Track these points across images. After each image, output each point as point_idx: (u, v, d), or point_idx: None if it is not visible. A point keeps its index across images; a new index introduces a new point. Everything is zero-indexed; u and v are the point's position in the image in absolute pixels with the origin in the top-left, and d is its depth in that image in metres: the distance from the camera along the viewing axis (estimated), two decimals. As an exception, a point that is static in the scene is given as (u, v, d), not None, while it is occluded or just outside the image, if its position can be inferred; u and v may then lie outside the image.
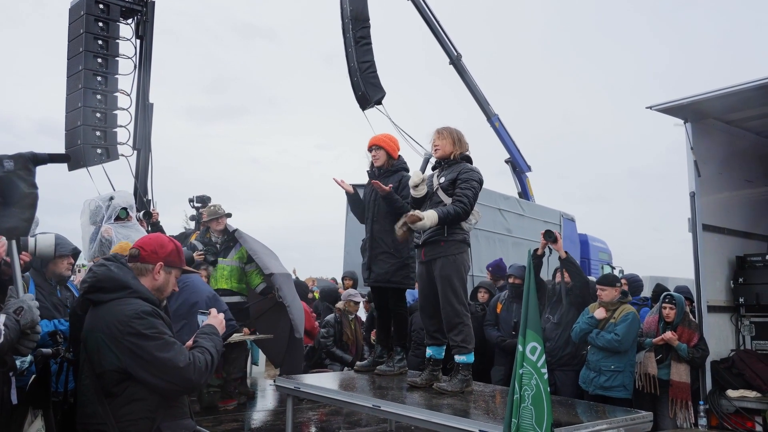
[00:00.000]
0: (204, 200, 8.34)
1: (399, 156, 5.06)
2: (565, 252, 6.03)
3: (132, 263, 2.71)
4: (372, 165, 5.00)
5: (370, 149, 5.00)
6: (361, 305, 8.21)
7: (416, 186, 4.38)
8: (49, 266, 3.95)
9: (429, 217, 4.07)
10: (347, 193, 5.13)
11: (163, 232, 7.42)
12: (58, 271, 3.97)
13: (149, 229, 6.90)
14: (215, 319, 2.87)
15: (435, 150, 4.47)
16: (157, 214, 7.63)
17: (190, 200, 8.44)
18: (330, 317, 7.92)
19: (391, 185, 4.75)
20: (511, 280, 6.80)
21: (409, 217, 4.06)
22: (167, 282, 2.76)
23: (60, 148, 6.94)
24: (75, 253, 4.16)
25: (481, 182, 4.34)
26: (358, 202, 5.16)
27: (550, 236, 5.89)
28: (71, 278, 4.41)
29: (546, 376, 2.92)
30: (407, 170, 4.96)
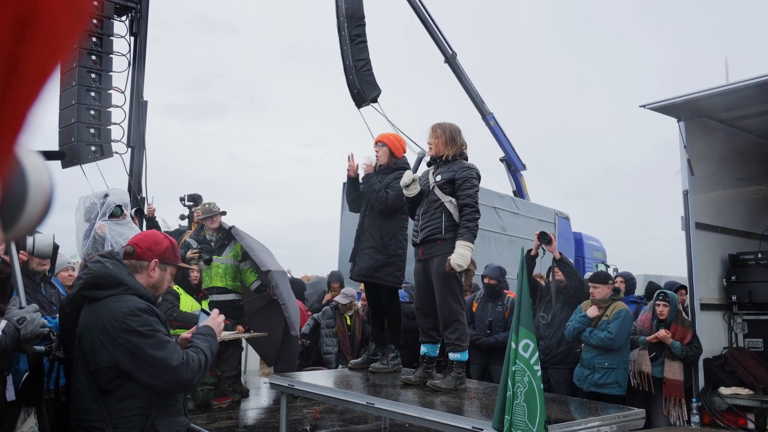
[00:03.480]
0: (195, 199, 8.33)
1: (403, 156, 5.07)
2: (560, 253, 6.05)
3: (127, 260, 2.69)
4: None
5: (375, 145, 5.04)
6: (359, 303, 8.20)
7: (407, 186, 4.38)
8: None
9: (460, 253, 4.08)
10: (348, 176, 5.11)
11: (158, 228, 7.41)
12: (31, 268, 3.95)
13: (143, 225, 6.89)
14: (214, 321, 2.86)
15: (429, 148, 4.47)
16: (153, 210, 7.61)
17: (181, 199, 8.41)
18: (327, 308, 7.92)
19: (357, 167, 4.94)
20: (486, 281, 6.83)
21: (448, 269, 4.08)
22: (162, 279, 2.75)
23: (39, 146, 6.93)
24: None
25: (479, 177, 4.36)
26: (355, 189, 5.13)
27: (544, 238, 5.90)
28: (54, 274, 4.41)
29: (539, 373, 2.93)
30: (407, 169, 4.97)
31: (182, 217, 8.78)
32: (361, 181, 4.99)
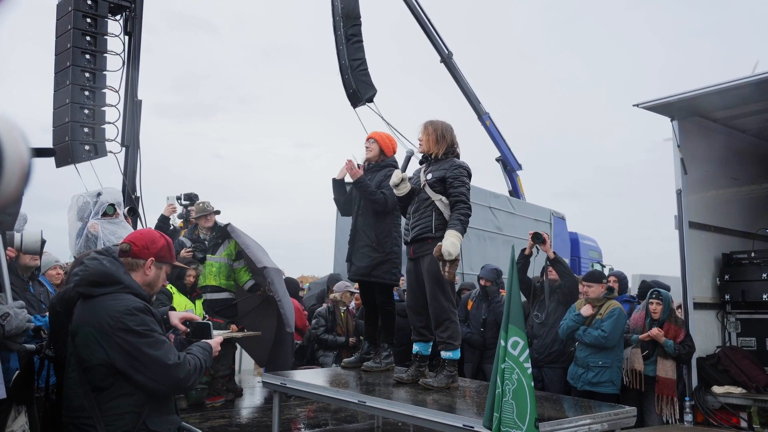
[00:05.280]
0: (191, 198, 8.32)
1: (393, 155, 5.08)
2: (554, 252, 6.06)
3: (123, 258, 2.68)
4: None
5: (366, 141, 5.06)
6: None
7: (396, 185, 4.39)
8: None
9: (452, 241, 4.02)
10: (333, 179, 5.10)
11: (167, 229, 7.42)
12: (23, 263, 3.94)
13: (137, 224, 6.88)
14: (216, 342, 2.85)
15: (419, 145, 4.48)
16: (174, 209, 7.61)
17: (178, 198, 8.40)
18: (321, 309, 7.92)
19: (362, 168, 4.88)
20: (481, 282, 6.86)
21: (437, 254, 4.03)
22: (158, 277, 2.74)
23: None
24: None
25: (470, 175, 4.35)
26: (342, 192, 5.14)
27: (538, 238, 5.91)
28: (43, 273, 4.39)
29: (529, 371, 2.92)
30: (396, 167, 4.97)
31: (180, 216, 8.78)
32: (352, 183, 4.93)
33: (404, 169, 4.49)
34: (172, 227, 8.25)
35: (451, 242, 4.01)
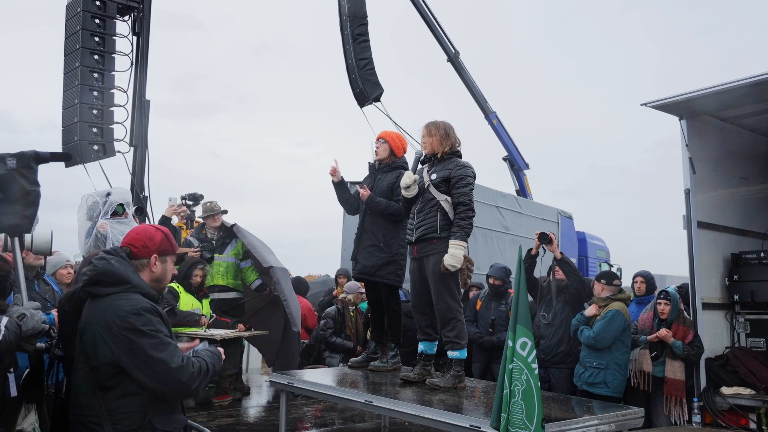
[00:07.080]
0: (196, 198, 8.36)
1: (403, 156, 5.09)
2: (561, 252, 6.04)
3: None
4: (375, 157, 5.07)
5: (377, 141, 5.06)
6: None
7: (408, 187, 4.40)
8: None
9: (452, 253, 4.14)
10: (333, 181, 5.14)
11: (172, 227, 7.45)
12: (27, 262, 3.95)
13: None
14: (220, 350, 2.87)
15: (423, 147, 4.49)
16: (175, 211, 7.63)
17: (183, 198, 8.44)
18: (330, 309, 7.92)
19: (368, 190, 4.92)
20: (491, 281, 6.84)
21: (443, 268, 4.14)
22: (165, 270, 2.75)
23: (30, 146, 6.93)
24: None
25: (474, 176, 4.37)
26: (344, 192, 5.17)
27: (544, 239, 5.90)
28: (51, 273, 4.41)
29: (536, 371, 2.92)
30: (407, 169, 4.98)
31: (184, 217, 8.81)
32: (364, 205, 4.98)
33: (415, 171, 4.51)
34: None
35: (451, 255, 4.12)
